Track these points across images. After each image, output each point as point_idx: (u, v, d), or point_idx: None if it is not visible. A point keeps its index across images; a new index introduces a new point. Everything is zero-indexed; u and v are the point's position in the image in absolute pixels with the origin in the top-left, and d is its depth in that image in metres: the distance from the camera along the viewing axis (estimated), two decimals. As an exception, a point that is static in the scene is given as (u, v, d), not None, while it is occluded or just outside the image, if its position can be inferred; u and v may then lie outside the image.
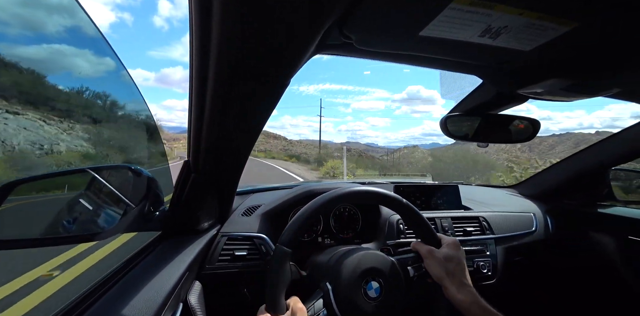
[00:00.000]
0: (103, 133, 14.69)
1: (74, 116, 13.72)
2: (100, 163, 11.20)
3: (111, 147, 14.14)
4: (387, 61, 0.49)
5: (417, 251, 0.61)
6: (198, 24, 0.31)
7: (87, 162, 11.01)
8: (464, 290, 0.52)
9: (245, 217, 0.87)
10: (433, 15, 0.32)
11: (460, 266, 0.56)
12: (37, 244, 0.48)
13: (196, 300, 0.62)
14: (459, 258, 0.57)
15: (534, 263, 1.12)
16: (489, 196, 1.31)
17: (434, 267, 0.56)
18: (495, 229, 1.02)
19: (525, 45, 0.38)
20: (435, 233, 0.63)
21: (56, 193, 2.04)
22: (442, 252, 0.57)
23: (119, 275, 0.52)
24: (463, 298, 0.51)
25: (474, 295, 0.52)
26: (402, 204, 0.62)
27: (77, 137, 12.56)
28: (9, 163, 8.44)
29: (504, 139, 0.74)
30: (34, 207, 0.58)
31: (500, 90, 0.60)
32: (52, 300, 1.92)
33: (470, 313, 0.50)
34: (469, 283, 0.54)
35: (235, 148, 0.59)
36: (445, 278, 0.54)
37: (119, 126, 17.15)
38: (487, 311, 0.50)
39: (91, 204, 0.70)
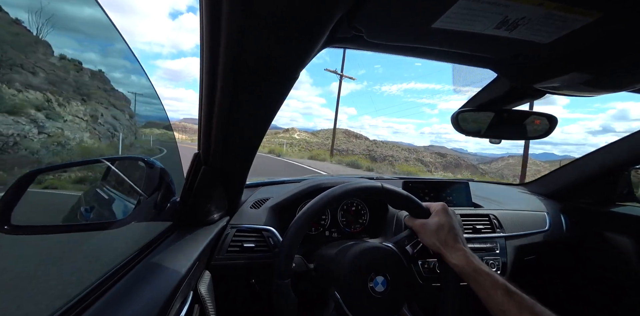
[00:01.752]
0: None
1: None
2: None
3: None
4: (398, 54, 0.48)
5: (411, 227, 0.62)
6: (208, 17, 0.31)
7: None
8: (457, 254, 0.53)
9: (254, 210, 0.88)
10: (447, 6, 0.31)
11: (452, 232, 0.56)
12: (57, 230, 0.51)
13: (206, 289, 0.64)
14: (450, 223, 0.57)
15: (546, 263, 1.10)
16: (500, 194, 1.28)
17: (428, 239, 0.57)
18: (505, 227, 1.00)
19: (544, 37, 0.37)
20: (421, 203, 0.62)
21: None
22: (432, 222, 0.58)
23: (132, 262, 0.54)
24: (457, 262, 0.52)
25: (466, 257, 0.52)
26: (381, 189, 0.61)
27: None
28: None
29: (518, 136, 0.72)
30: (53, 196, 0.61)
31: (516, 85, 0.58)
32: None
33: (465, 276, 0.51)
34: (461, 246, 0.54)
35: (244, 141, 0.60)
36: (440, 247, 0.55)
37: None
38: (478, 271, 0.50)
39: (107, 194, 0.73)
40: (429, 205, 0.62)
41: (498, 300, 0.47)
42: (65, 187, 4.68)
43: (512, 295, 0.46)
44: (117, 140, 12.80)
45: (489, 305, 0.48)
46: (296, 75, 0.43)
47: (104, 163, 0.66)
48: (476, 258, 0.53)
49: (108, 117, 13.34)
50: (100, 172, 0.64)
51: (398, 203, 0.63)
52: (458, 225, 0.58)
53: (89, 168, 2.90)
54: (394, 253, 0.60)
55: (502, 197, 1.23)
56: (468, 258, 0.52)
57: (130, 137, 14.44)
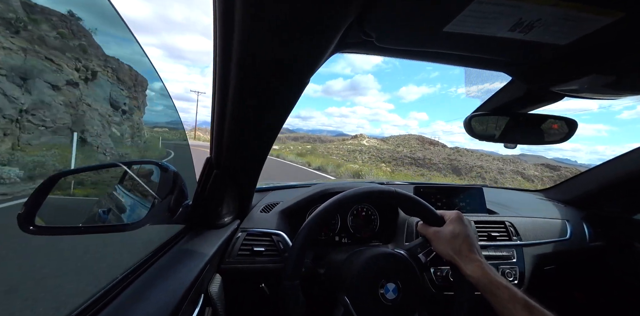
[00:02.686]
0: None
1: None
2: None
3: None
4: (409, 59, 0.48)
5: (424, 234, 0.60)
6: (221, 24, 0.32)
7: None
8: (472, 265, 0.51)
9: (264, 214, 0.89)
10: (459, 9, 0.30)
11: (467, 241, 0.54)
12: (77, 232, 0.53)
13: (216, 291, 0.65)
14: (465, 233, 0.55)
15: (567, 274, 1.04)
16: (516, 200, 1.23)
17: (442, 248, 0.56)
18: (523, 235, 0.96)
19: (560, 39, 0.36)
20: (435, 211, 0.61)
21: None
22: (447, 231, 0.56)
23: (146, 264, 0.56)
24: (472, 273, 0.51)
25: (482, 268, 0.50)
26: (394, 194, 0.60)
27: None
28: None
29: (535, 140, 0.70)
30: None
31: (532, 88, 0.56)
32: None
33: (481, 288, 0.50)
34: (477, 257, 0.52)
35: (255, 146, 0.60)
36: (454, 257, 0.53)
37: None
38: (494, 283, 0.48)
39: (123, 197, 0.75)
40: (444, 213, 0.60)
41: (516, 314, 0.45)
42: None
43: (531, 310, 0.44)
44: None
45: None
46: (306, 81, 0.43)
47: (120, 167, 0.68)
48: (493, 269, 0.51)
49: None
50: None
51: (411, 210, 0.61)
52: (473, 235, 0.56)
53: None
54: (406, 260, 0.58)
55: (519, 203, 1.19)
56: (484, 269, 0.50)
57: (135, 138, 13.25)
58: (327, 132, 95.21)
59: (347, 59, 60.16)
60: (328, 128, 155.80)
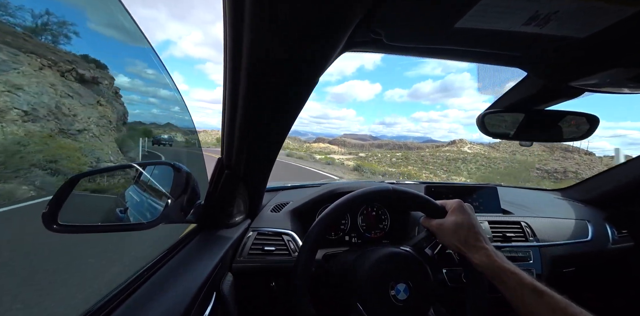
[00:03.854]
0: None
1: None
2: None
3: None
4: (419, 56, 0.47)
5: (428, 228, 0.59)
6: (230, 25, 0.33)
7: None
8: (479, 253, 0.50)
9: (274, 213, 0.89)
10: (471, 4, 0.29)
11: (472, 230, 0.53)
12: (97, 230, 0.55)
13: (228, 290, 0.66)
14: (468, 222, 0.54)
15: (588, 277, 1.00)
16: (533, 200, 1.19)
17: (447, 240, 0.55)
18: (540, 236, 0.93)
19: (579, 32, 0.34)
20: (435, 202, 0.59)
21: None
22: (450, 222, 0.55)
23: (159, 263, 0.57)
24: (479, 262, 0.50)
25: (490, 256, 0.49)
26: (391, 192, 0.58)
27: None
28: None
29: (552, 138, 0.67)
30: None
31: (548, 84, 0.54)
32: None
33: (489, 275, 0.49)
34: (483, 244, 0.51)
35: (265, 146, 0.61)
36: (460, 247, 0.52)
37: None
38: (502, 269, 0.47)
39: (139, 197, 0.78)
40: (444, 203, 0.59)
41: (526, 300, 0.43)
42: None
43: (541, 295, 0.43)
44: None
45: (517, 306, 0.44)
46: (315, 80, 0.44)
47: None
48: (500, 255, 0.50)
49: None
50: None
51: (411, 205, 0.60)
52: (477, 222, 0.55)
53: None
54: (415, 258, 0.58)
55: (535, 203, 1.15)
56: (491, 256, 0.49)
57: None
58: (413, 139, 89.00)
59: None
60: (414, 135, 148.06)
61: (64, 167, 6.65)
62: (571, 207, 1.14)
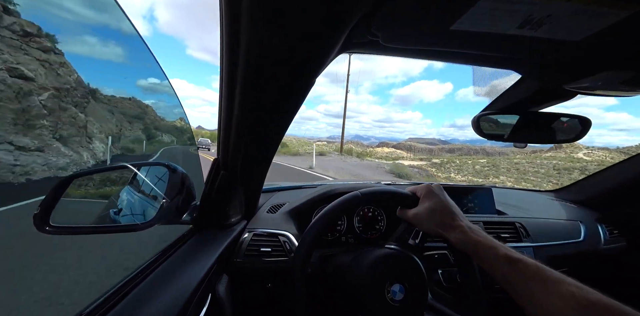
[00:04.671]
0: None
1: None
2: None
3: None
4: (416, 58, 0.48)
5: (404, 219, 0.58)
6: (227, 25, 0.33)
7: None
8: (455, 232, 0.50)
9: (271, 214, 0.89)
10: (466, 7, 0.30)
11: (445, 210, 0.52)
12: (91, 231, 0.54)
13: (224, 291, 0.65)
14: (441, 204, 0.53)
15: (580, 277, 1.01)
16: (527, 201, 1.21)
17: (426, 226, 0.54)
18: (534, 236, 0.94)
19: (574, 35, 0.35)
20: (403, 192, 0.58)
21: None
22: (423, 208, 0.54)
23: (155, 264, 0.57)
24: (456, 240, 0.49)
25: (464, 232, 0.49)
26: (360, 197, 0.56)
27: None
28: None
29: (546, 139, 0.68)
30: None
31: (543, 86, 0.55)
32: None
33: (470, 252, 0.48)
34: (459, 223, 0.51)
35: (262, 147, 0.61)
36: (439, 231, 0.52)
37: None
38: (478, 244, 0.47)
39: (133, 197, 0.77)
40: (414, 190, 0.58)
41: (501, 270, 0.43)
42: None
43: (515, 264, 0.42)
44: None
45: (497, 279, 0.44)
46: (312, 81, 0.44)
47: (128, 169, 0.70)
48: (476, 230, 0.49)
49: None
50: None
51: (384, 202, 0.59)
52: (450, 202, 0.54)
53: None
54: (409, 258, 0.58)
55: (529, 204, 1.16)
56: (466, 233, 0.49)
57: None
58: (492, 142, 65.09)
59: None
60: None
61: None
62: (564, 208, 1.15)
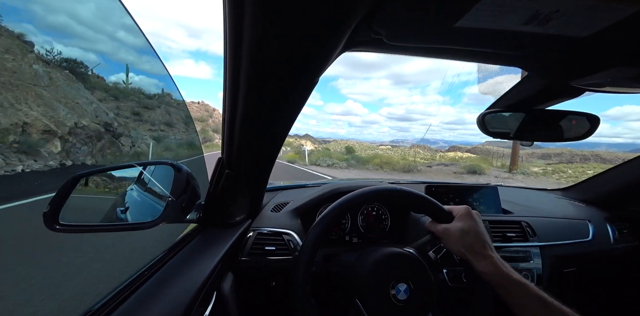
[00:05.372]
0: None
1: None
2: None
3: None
4: (420, 56, 0.47)
5: (432, 232, 0.59)
6: (231, 25, 0.33)
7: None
8: (485, 262, 0.50)
9: (275, 213, 0.90)
10: (470, 4, 0.29)
11: (478, 237, 0.52)
12: (98, 229, 0.55)
13: (229, 289, 0.66)
14: (475, 229, 0.53)
15: (589, 277, 1.00)
16: (533, 199, 1.19)
17: (453, 245, 0.54)
18: (540, 236, 0.93)
19: (581, 31, 0.34)
20: (442, 207, 0.59)
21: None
22: (456, 227, 0.54)
23: (161, 262, 0.57)
24: (485, 270, 0.49)
25: (496, 265, 0.49)
26: (400, 192, 0.58)
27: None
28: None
29: (553, 137, 0.67)
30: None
31: (549, 83, 0.54)
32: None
33: (495, 284, 0.48)
34: (489, 253, 0.51)
35: (265, 145, 0.61)
36: (466, 254, 0.52)
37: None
38: (509, 279, 0.47)
39: (139, 196, 0.78)
40: (452, 209, 0.59)
41: (532, 311, 0.43)
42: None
43: (548, 306, 0.42)
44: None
45: (520, 315, 0.44)
46: (315, 80, 0.44)
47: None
48: (507, 265, 0.50)
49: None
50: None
51: (418, 207, 0.60)
52: (484, 230, 0.55)
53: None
54: (416, 259, 0.57)
55: (536, 202, 1.15)
56: (497, 265, 0.49)
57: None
58: (607, 146, 40.19)
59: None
60: (614, 141, 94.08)
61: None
62: (572, 207, 1.14)
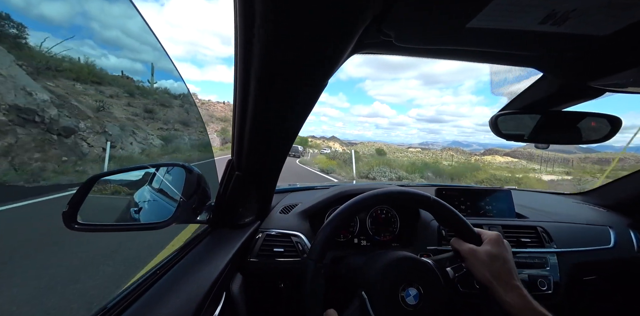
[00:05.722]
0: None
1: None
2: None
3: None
4: (430, 57, 0.47)
5: (457, 250, 0.57)
6: (241, 27, 0.33)
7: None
8: (513, 293, 0.47)
9: (283, 215, 0.90)
10: (483, 4, 0.29)
11: (507, 265, 0.51)
12: (114, 229, 0.57)
13: (238, 290, 0.66)
14: (505, 256, 0.52)
15: (610, 286, 0.95)
16: (550, 204, 1.15)
17: (478, 269, 0.52)
18: (557, 242, 0.89)
19: (600, 30, 0.33)
20: (473, 228, 0.57)
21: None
22: (484, 251, 0.52)
23: (171, 263, 0.58)
24: (513, 302, 0.47)
25: (525, 298, 0.47)
26: (431, 201, 0.57)
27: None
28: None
29: (571, 140, 0.65)
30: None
31: (566, 84, 0.52)
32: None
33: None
34: (519, 284, 0.49)
35: (275, 147, 0.62)
36: (491, 281, 0.50)
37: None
38: (537, 313, 0.45)
39: (152, 197, 0.80)
40: (481, 232, 0.58)
41: None
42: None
43: None
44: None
45: None
46: (324, 83, 0.44)
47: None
48: (531, 298, 0.48)
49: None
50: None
51: (446, 221, 0.59)
52: (512, 258, 0.53)
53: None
54: (430, 266, 0.56)
55: (552, 207, 1.10)
56: (526, 298, 0.47)
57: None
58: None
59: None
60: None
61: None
62: (591, 212, 1.09)
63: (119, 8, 30.03)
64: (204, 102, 18.00)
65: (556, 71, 0.48)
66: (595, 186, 1.26)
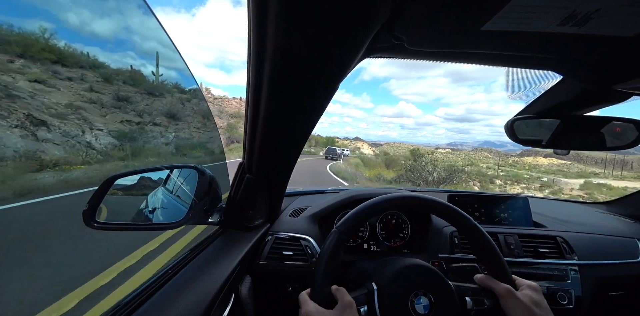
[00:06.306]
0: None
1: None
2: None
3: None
4: (443, 61, 0.46)
5: (489, 287, 0.54)
6: (255, 31, 0.34)
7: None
8: None
9: (293, 218, 0.90)
10: (499, 6, 0.28)
11: (543, 314, 0.49)
12: (130, 228, 0.59)
13: (246, 292, 0.67)
14: (547, 307, 0.50)
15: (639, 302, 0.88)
16: (571, 213, 1.09)
17: (518, 311, 0.49)
18: (579, 254, 0.85)
19: (625, 30, 0.31)
20: (509, 270, 0.54)
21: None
22: (527, 296, 0.50)
23: (181, 263, 0.59)
24: None
25: None
26: (472, 226, 0.54)
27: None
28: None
29: (593, 146, 0.61)
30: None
31: (588, 87, 0.50)
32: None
33: None
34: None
35: (286, 151, 0.62)
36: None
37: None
38: None
39: (165, 197, 0.82)
40: (517, 279, 0.55)
41: None
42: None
43: None
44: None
45: None
46: (336, 86, 0.44)
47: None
48: None
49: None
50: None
51: (484, 253, 0.56)
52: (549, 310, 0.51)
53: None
54: (444, 279, 0.54)
55: (573, 216, 1.05)
56: None
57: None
58: None
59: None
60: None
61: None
62: (617, 223, 1.03)
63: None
64: (216, 98, 17.27)
65: (578, 74, 0.46)
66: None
